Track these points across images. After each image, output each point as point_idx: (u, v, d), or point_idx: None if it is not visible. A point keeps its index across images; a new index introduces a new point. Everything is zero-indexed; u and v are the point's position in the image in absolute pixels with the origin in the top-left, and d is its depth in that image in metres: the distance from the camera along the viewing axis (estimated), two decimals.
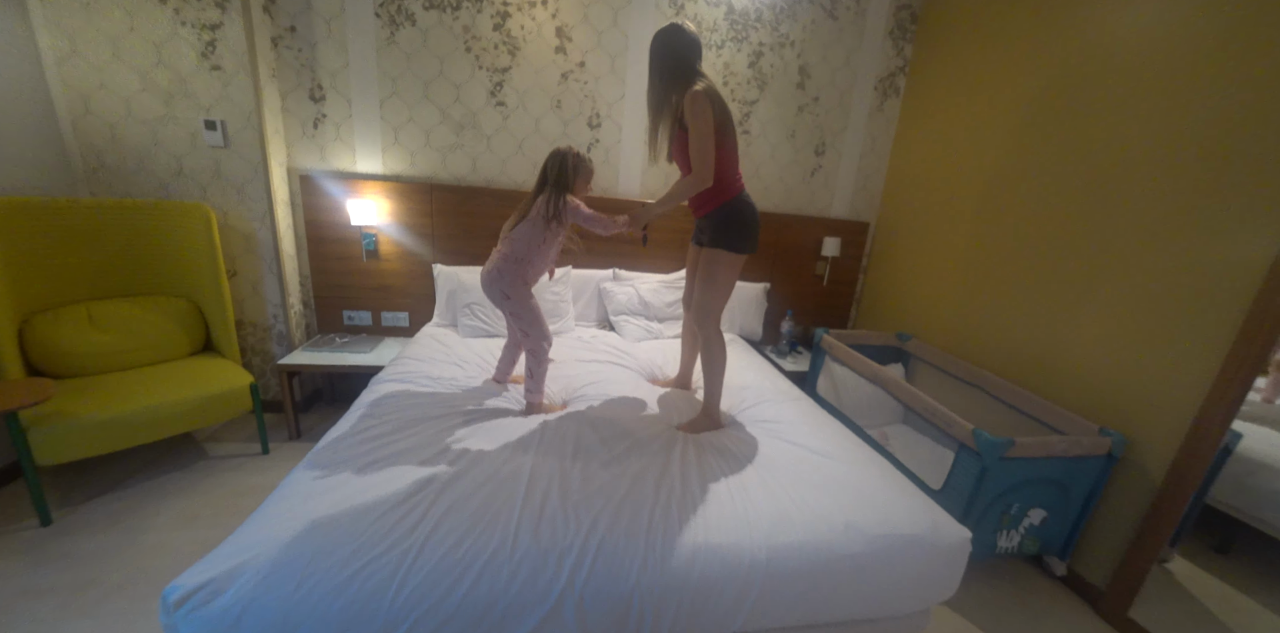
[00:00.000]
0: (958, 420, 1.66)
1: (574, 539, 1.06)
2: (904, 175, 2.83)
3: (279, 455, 2.13)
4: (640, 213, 1.65)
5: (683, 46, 1.53)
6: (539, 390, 1.68)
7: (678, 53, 1.53)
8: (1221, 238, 1.47)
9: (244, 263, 2.32)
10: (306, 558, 0.95)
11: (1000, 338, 2.16)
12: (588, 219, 1.66)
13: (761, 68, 2.66)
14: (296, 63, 2.26)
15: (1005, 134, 2.18)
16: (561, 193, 1.64)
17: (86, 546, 1.56)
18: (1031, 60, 2.07)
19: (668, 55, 1.54)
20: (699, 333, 1.71)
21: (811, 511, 1.20)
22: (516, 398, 1.73)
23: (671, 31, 1.54)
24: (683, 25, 1.54)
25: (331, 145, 2.39)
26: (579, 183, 1.69)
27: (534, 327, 1.68)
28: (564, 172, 1.65)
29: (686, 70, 1.53)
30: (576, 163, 1.67)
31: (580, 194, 1.71)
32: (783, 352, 2.82)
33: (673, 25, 1.55)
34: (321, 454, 1.29)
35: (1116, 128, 1.75)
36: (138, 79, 2.03)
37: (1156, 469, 1.59)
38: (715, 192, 1.58)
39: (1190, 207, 1.54)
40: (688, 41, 1.53)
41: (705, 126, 1.44)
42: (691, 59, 1.55)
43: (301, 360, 2.21)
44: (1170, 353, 1.58)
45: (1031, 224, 2.05)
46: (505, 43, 2.38)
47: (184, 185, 2.18)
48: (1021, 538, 1.70)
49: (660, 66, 1.55)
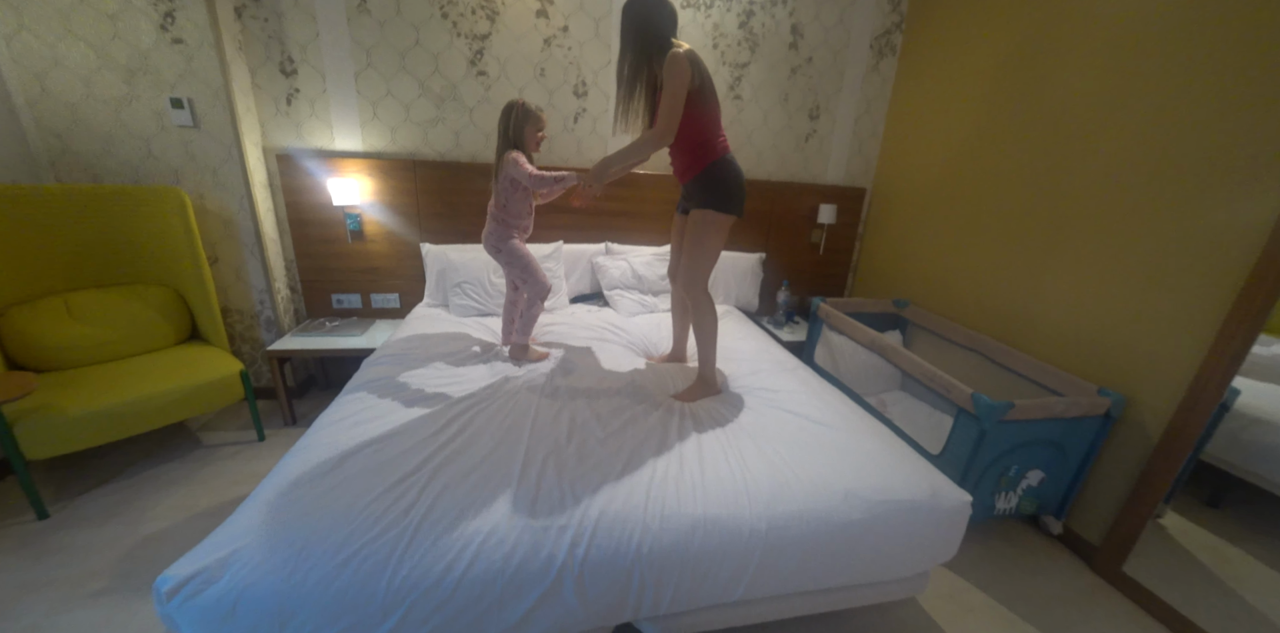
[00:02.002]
0: (956, 385, 1.65)
1: (572, 515, 1.05)
2: (901, 138, 2.75)
3: (275, 442, 2.12)
4: (595, 168, 1.56)
5: (660, 17, 1.48)
6: (526, 333, 1.83)
7: (654, 24, 1.48)
8: (1223, 196, 1.43)
9: (225, 248, 2.25)
10: (300, 544, 0.94)
11: (998, 301, 2.14)
12: (531, 179, 1.64)
13: (753, 28, 2.54)
14: (264, 34, 2.14)
15: (1004, 89, 2.10)
16: (506, 152, 1.66)
17: (84, 538, 1.56)
18: (1030, 15, 1.97)
19: (644, 26, 1.48)
20: (688, 298, 1.68)
21: (810, 479, 1.19)
22: (509, 373, 1.71)
23: (646, 1, 1.48)
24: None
25: (307, 122, 2.29)
26: (528, 132, 1.70)
27: (528, 273, 1.81)
28: (507, 126, 1.67)
29: (664, 42, 1.48)
30: (521, 114, 1.67)
31: (533, 143, 1.73)
32: (779, 322, 2.80)
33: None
34: (313, 439, 1.26)
35: (1114, 86, 1.68)
36: (94, 55, 1.92)
37: (1154, 428, 1.59)
38: (699, 153, 1.55)
39: (1192, 164, 1.49)
40: (666, 13, 1.49)
41: (680, 86, 1.41)
42: (668, 30, 1.50)
43: (291, 346, 2.18)
44: (1170, 311, 1.55)
45: (1028, 184, 1.99)
46: (484, 7, 2.26)
47: (155, 168, 2.09)
48: (1019, 499, 1.72)
49: (635, 38, 1.50)
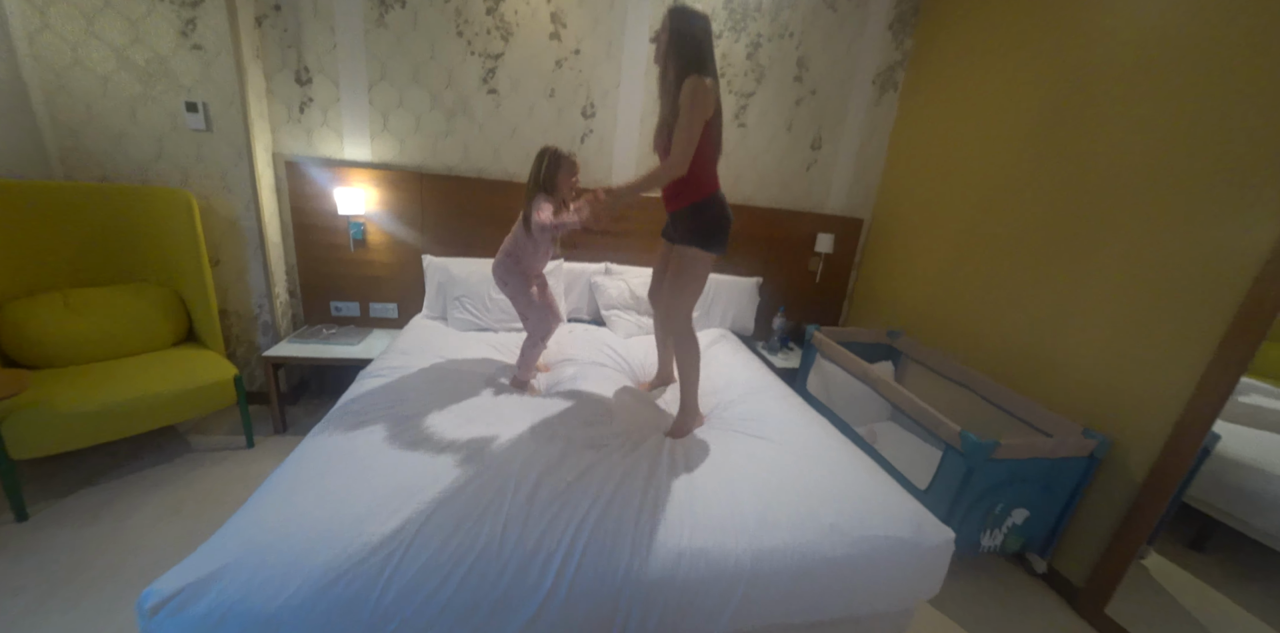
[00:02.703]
0: (945, 421, 1.67)
1: (561, 539, 1.06)
2: (900, 171, 2.81)
3: (264, 449, 2.11)
4: (608, 199, 1.51)
5: (702, 32, 1.42)
6: (524, 369, 1.83)
7: (699, 38, 1.42)
8: (1207, 241, 1.48)
9: (228, 250, 2.26)
10: (290, 560, 0.94)
11: (989, 336, 2.17)
12: (538, 227, 1.64)
13: (759, 59, 2.61)
14: (282, 43, 2.18)
15: (1002, 132, 2.17)
16: (535, 197, 1.66)
17: (65, 540, 1.54)
18: (1032, 58, 2.05)
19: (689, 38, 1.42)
20: (670, 331, 1.67)
21: (797, 512, 1.20)
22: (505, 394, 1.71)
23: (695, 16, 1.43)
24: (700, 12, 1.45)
25: (318, 130, 2.32)
26: (561, 179, 1.69)
27: (530, 311, 1.83)
28: (539, 172, 1.67)
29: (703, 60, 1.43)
30: (553, 160, 1.67)
31: (566, 188, 1.72)
32: (774, 348, 2.82)
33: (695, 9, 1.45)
34: (304, 453, 1.26)
35: (1112, 129, 1.74)
36: (114, 56, 1.95)
37: (1138, 470, 1.62)
38: (689, 188, 1.52)
39: (1178, 209, 1.55)
40: (706, 30, 1.43)
41: (700, 117, 1.38)
42: (708, 49, 1.44)
43: (288, 352, 2.18)
44: (1155, 356, 1.59)
45: (1023, 223, 2.04)
46: (498, 27, 2.31)
47: (164, 169, 2.11)
48: (1005, 536, 1.73)
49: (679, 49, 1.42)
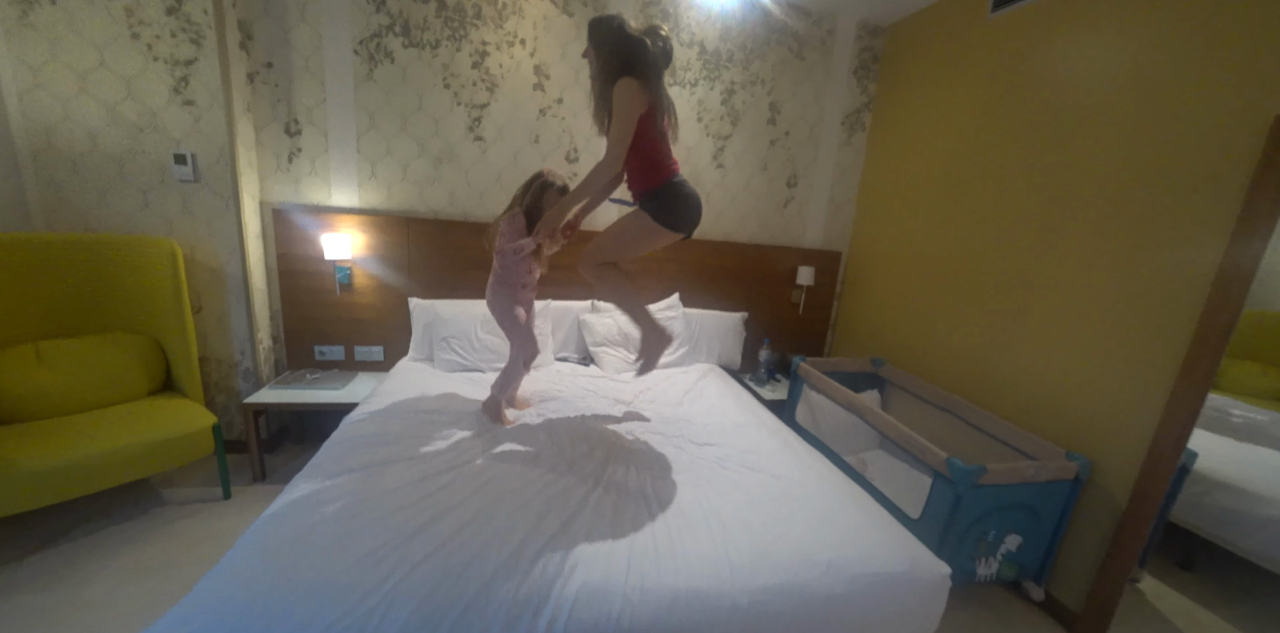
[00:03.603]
0: (931, 448, 1.69)
1: (551, 588, 1.04)
2: (872, 206, 2.95)
3: (241, 499, 2.03)
4: (551, 214, 1.55)
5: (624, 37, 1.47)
6: (501, 388, 1.83)
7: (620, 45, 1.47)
8: (1164, 260, 1.57)
9: (210, 297, 2.25)
10: (267, 619, 0.91)
11: (968, 362, 2.23)
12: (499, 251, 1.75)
13: (734, 104, 2.77)
14: (272, 97, 2.25)
15: (961, 166, 2.31)
16: (508, 217, 1.74)
17: (24, 605, 1.45)
18: (984, 96, 2.22)
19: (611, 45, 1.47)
20: (585, 274, 1.64)
21: (792, 550, 1.20)
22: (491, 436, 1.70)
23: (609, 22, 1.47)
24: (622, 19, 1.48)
25: (307, 179, 2.37)
26: (547, 201, 1.75)
27: (514, 334, 1.86)
28: (524, 194, 1.77)
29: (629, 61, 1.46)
30: (541, 188, 1.75)
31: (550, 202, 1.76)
32: (761, 380, 2.85)
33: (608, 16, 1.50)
34: (284, 504, 1.23)
35: (1062, 157, 1.87)
36: (105, 113, 1.99)
37: (1120, 491, 1.64)
38: (646, 173, 1.53)
39: (1134, 232, 1.65)
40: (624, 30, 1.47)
41: (630, 115, 1.42)
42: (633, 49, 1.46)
43: (269, 399, 2.14)
44: (1124, 376, 1.66)
45: (990, 251, 2.15)
46: (484, 80, 2.43)
47: (149, 220, 2.12)
48: (1000, 564, 1.72)
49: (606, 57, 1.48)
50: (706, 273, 2.88)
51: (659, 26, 1.51)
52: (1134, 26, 1.68)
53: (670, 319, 2.64)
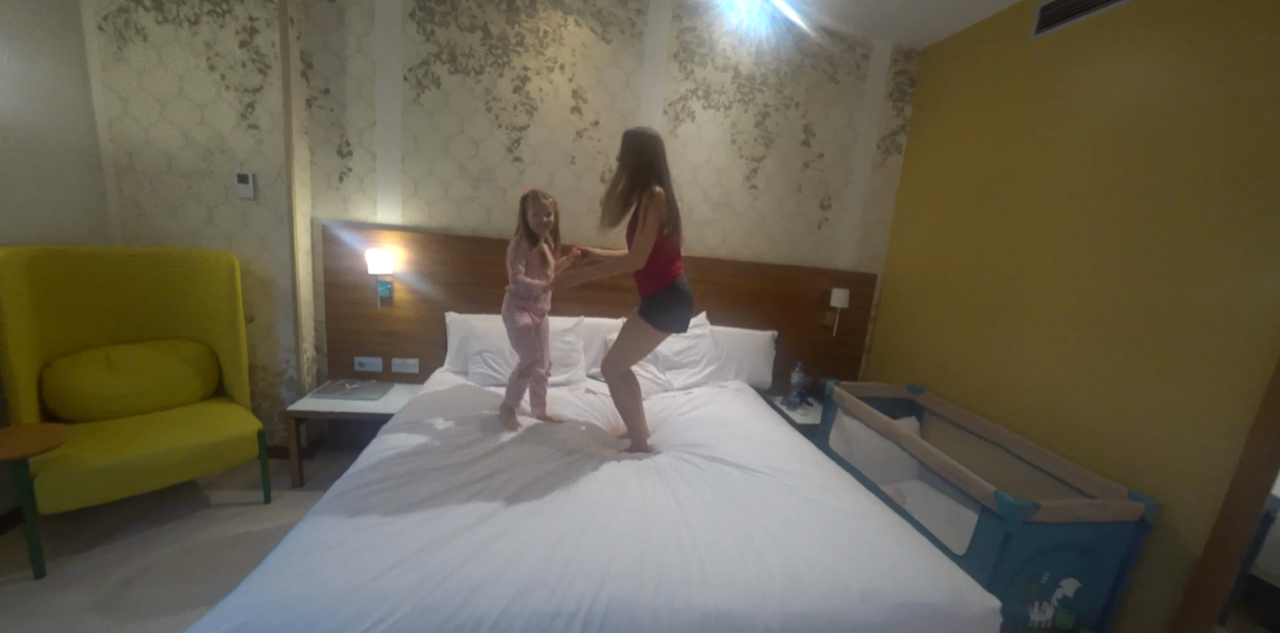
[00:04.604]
0: (977, 480, 1.60)
1: (581, 600, 1.03)
2: (909, 228, 2.89)
3: (280, 504, 2.09)
4: (567, 277, 1.81)
5: (651, 150, 1.70)
6: (511, 398, 1.94)
7: (647, 155, 1.70)
8: (1235, 287, 1.46)
9: (261, 308, 2.37)
10: (306, 621, 0.93)
11: (1015, 392, 2.12)
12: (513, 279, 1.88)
13: (768, 127, 2.79)
14: (327, 121, 2.40)
15: (1005, 188, 2.24)
16: (514, 243, 1.88)
17: (76, 600, 1.52)
18: (1027, 117, 2.16)
19: (640, 155, 1.70)
20: (606, 380, 1.90)
21: (826, 576, 1.15)
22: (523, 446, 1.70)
23: (645, 135, 1.71)
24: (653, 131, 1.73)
25: (354, 197, 2.49)
26: (531, 218, 1.87)
27: (519, 345, 1.92)
28: (523, 212, 1.88)
29: (652, 170, 1.70)
30: (523, 202, 1.88)
31: (537, 225, 1.87)
32: (793, 403, 2.78)
33: (646, 129, 1.72)
34: (324, 509, 1.26)
35: (1114, 178, 1.80)
36: (180, 137, 2.17)
37: (1194, 538, 1.51)
38: (655, 277, 1.79)
39: (1202, 256, 1.54)
40: (657, 147, 1.71)
41: (655, 223, 1.66)
42: (657, 162, 1.71)
43: (310, 407, 2.21)
44: (1194, 411, 1.54)
45: (1038, 277, 2.06)
46: (524, 104, 2.53)
47: (212, 234, 2.27)
48: (1055, 610, 1.60)
49: (634, 163, 1.71)
50: (736, 294, 2.86)
51: None
52: (1192, 42, 1.62)
53: (698, 337, 2.63)
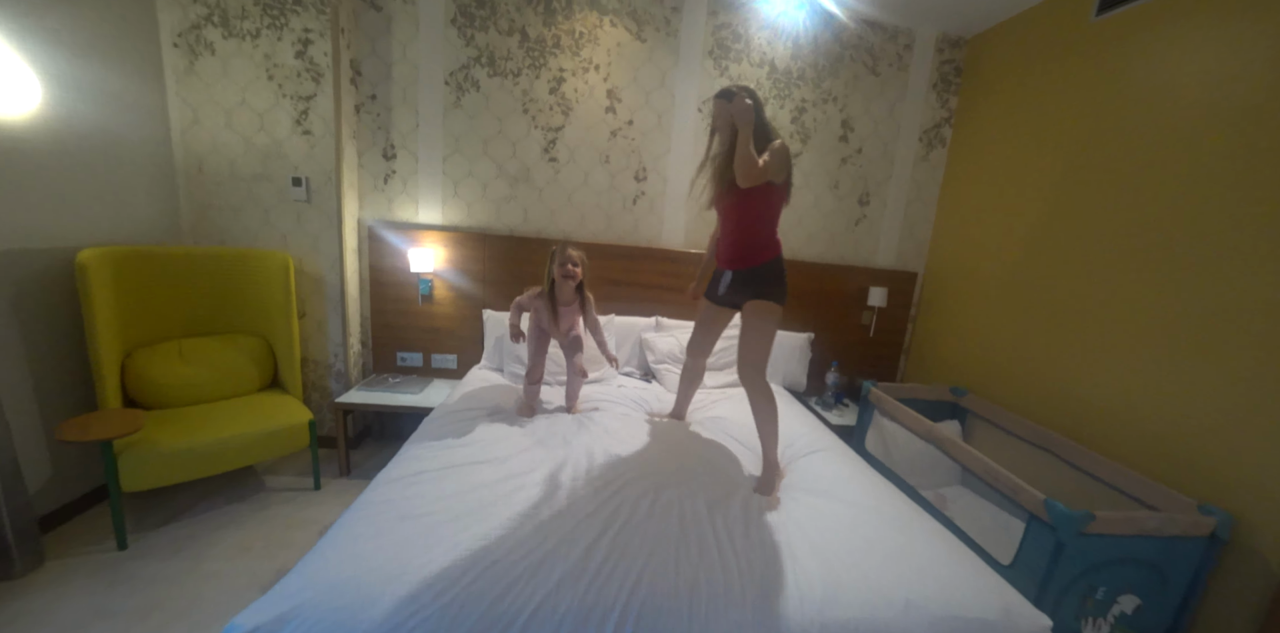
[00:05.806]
0: (1026, 488, 1.53)
1: (617, 598, 1.04)
2: (953, 224, 2.78)
3: (329, 490, 2.21)
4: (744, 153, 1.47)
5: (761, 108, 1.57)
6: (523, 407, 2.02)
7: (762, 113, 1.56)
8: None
9: (312, 304, 2.50)
10: (356, 604, 0.98)
11: (1068, 395, 2.01)
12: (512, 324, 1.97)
13: (805, 122, 2.73)
14: (374, 125, 2.51)
15: (1060, 180, 2.13)
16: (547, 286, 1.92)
17: (154, 570, 1.66)
18: (1086, 105, 2.05)
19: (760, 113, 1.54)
20: (746, 387, 1.69)
21: (867, 584, 1.12)
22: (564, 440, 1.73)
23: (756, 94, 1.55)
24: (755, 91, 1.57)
25: (398, 198, 2.60)
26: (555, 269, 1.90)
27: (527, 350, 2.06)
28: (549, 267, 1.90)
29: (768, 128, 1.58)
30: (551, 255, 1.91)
31: (560, 272, 1.89)
32: (828, 404, 2.72)
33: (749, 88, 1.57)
34: (373, 496, 1.32)
35: (1185, 167, 1.68)
36: (242, 143, 2.31)
37: (1275, 556, 1.40)
38: (767, 245, 1.67)
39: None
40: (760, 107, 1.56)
41: (780, 169, 1.53)
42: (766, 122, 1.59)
43: (357, 399, 2.32)
44: (1274, 419, 1.42)
45: (1093, 275, 1.95)
46: (560, 104, 2.57)
47: (269, 235, 2.40)
48: (1111, 629, 1.51)
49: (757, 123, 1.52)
50: None
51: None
52: (1273, 17, 1.49)
53: (733, 338, 2.60)
